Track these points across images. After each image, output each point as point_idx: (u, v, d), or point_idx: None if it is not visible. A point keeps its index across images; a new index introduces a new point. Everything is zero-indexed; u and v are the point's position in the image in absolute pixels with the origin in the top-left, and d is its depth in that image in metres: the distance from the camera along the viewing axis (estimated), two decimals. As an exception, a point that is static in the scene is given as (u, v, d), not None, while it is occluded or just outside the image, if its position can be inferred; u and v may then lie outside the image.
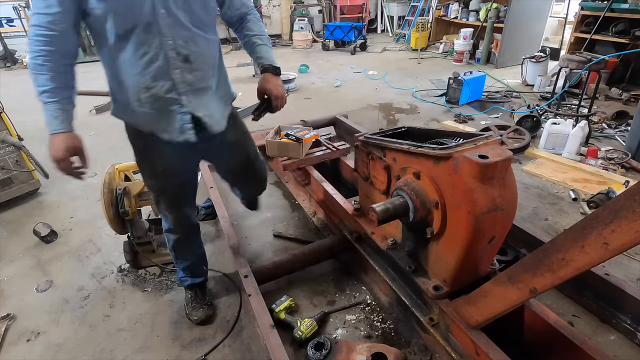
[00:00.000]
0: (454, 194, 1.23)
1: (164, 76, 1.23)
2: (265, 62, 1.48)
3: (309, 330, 1.64)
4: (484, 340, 1.29)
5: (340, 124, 3.60)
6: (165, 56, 1.20)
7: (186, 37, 1.22)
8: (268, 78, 1.48)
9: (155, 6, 1.14)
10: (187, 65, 1.25)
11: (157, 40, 1.17)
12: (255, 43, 1.50)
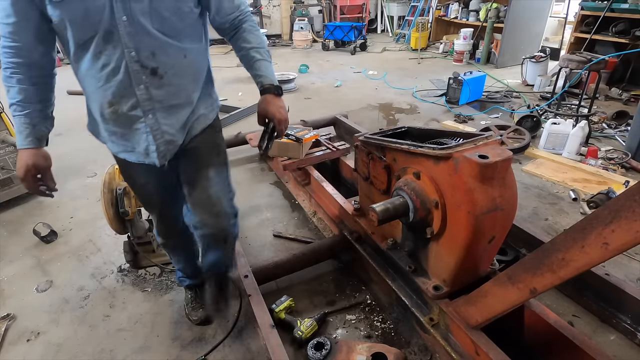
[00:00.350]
0: (454, 194, 1.23)
1: (127, 91, 1.09)
2: (266, 81, 1.28)
3: (309, 330, 1.64)
4: (484, 340, 1.29)
5: (340, 124, 3.60)
6: (127, 69, 1.07)
7: (153, 47, 1.08)
8: (269, 100, 1.28)
9: (115, 12, 1.00)
10: (154, 79, 1.10)
11: (119, 50, 1.04)
12: (254, 58, 1.29)
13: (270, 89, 1.29)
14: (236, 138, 3.33)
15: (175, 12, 1.09)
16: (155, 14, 1.05)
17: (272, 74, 1.31)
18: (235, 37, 1.31)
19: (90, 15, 1.00)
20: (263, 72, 1.28)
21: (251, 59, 1.29)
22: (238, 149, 3.42)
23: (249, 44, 1.28)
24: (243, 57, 1.32)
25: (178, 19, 1.10)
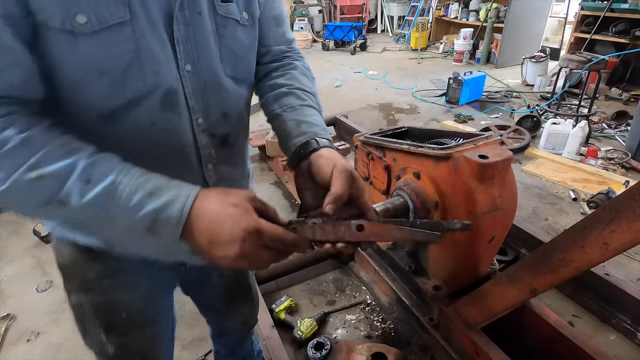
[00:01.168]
0: (454, 194, 1.23)
1: (190, 176, 0.66)
2: (323, 133, 0.75)
3: (309, 330, 1.64)
4: (484, 340, 1.29)
5: (340, 124, 3.60)
6: (194, 145, 0.71)
7: (225, 105, 0.74)
8: (340, 158, 0.69)
9: (178, 59, 0.64)
10: (223, 151, 0.76)
11: (184, 119, 0.68)
12: (304, 101, 0.81)
13: (329, 145, 0.73)
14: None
15: (250, 46, 0.77)
16: (227, 52, 0.71)
17: (325, 129, 0.77)
18: (276, 75, 0.85)
19: (143, 62, 0.59)
20: (318, 122, 0.77)
21: (299, 100, 0.80)
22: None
23: (297, 82, 0.83)
24: (285, 95, 0.81)
25: (252, 55, 0.78)
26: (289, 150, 0.75)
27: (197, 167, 0.73)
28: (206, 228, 0.53)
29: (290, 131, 0.75)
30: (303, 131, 0.74)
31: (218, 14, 0.67)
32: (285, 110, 0.79)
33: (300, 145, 0.72)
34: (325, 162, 0.67)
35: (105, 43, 0.56)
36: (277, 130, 0.80)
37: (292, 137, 0.74)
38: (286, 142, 0.76)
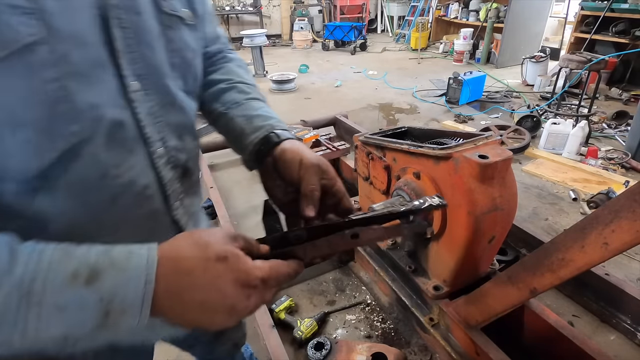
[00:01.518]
0: (454, 194, 1.23)
1: (158, 226, 0.59)
2: (280, 124, 0.69)
3: (309, 330, 1.64)
4: (484, 340, 1.29)
5: (340, 124, 3.60)
6: (157, 184, 0.57)
7: (180, 126, 0.60)
8: (305, 149, 0.65)
9: (124, 75, 0.49)
10: (186, 182, 0.64)
11: (139, 155, 0.53)
12: (248, 94, 0.74)
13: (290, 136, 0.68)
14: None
15: (197, 49, 0.64)
16: (177, 59, 0.57)
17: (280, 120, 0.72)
18: (211, 70, 0.76)
19: (73, 94, 0.43)
20: (271, 114, 0.71)
21: (243, 94, 0.73)
22: (238, 149, 3.42)
23: (235, 75, 0.76)
24: (226, 91, 0.73)
25: (198, 61, 0.65)
26: (245, 149, 0.67)
27: (163, 209, 0.58)
28: (191, 299, 0.40)
29: (242, 129, 0.67)
30: (258, 126, 0.67)
31: (163, 12, 0.54)
32: (230, 107, 0.70)
33: (259, 142, 0.65)
34: (290, 157, 0.61)
35: (12, 77, 0.38)
36: (224, 130, 0.71)
37: (245, 134, 0.67)
38: (239, 142, 0.68)
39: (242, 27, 8.95)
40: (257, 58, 6.03)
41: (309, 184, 0.59)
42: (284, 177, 0.63)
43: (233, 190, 2.87)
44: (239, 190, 2.87)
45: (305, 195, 0.59)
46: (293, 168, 0.61)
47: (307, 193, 0.59)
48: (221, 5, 9.08)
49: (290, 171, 0.61)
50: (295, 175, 0.61)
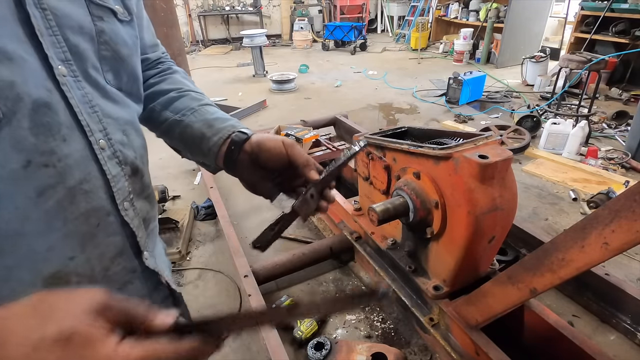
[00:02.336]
0: (454, 194, 1.23)
1: (104, 228, 0.51)
2: (239, 124, 0.70)
3: (309, 330, 1.64)
4: (484, 340, 1.29)
5: (340, 124, 3.60)
6: (102, 179, 0.51)
7: (123, 122, 0.56)
8: (271, 138, 0.67)
9: (48, 58, 0.45)
10: (136, 182, 0.58)
11: (78, 141, 0.48)
12: (201, 101, 0.73)
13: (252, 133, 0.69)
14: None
15: (133, 46, 0.60)
16: (107, 52, 0.54)
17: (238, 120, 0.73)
18: (156, 81, 0.75)
19: None
20: (228, 117, 0.71)
21: (196, 101, 0.72)
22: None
23: (184, 85, 0.75)
24: (177, 99, 0.71)
25: (136, 59, 0.62)
26: (208, 153, 0.68)
27: (109, 208, 0.51)
28: None
29: (202, 133, 0.68)
30: (219, 128, 0.68)
31: (91, 1, 0.52)
32: (184, 114, 0.70)
33: (229, 143, 0.66)
34: (272, 143, 0.65)
35: None
36: (180, 138, 0.70)
37: (207, 138, 0.67)
38: (200, 147, 0.68)
39: (242, 27, 8.95)
40: (257, 58, 6.03)
41: (302, 155, 0.65)
42: (269, 163, 0.66)
43: (233, 190, 2.87)
44: (239, 190, 2.87)
45: (306, 165, 0.65)
46: (279, 150, 0.65)
47: (306, 162, 0.65)
48: (221, 5, 9.08)
49: (277, 155, 0.65)
50: (284, 156, 0.65)
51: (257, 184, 0.69)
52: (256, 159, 0.66)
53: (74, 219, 0.47)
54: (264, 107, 4.69)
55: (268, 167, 0.66)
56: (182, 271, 2.12)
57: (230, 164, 0.67)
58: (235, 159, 0.67)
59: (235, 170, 0.68)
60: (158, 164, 3.33)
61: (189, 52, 8.02)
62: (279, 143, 0.65)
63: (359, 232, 1.99)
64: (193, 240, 2.37)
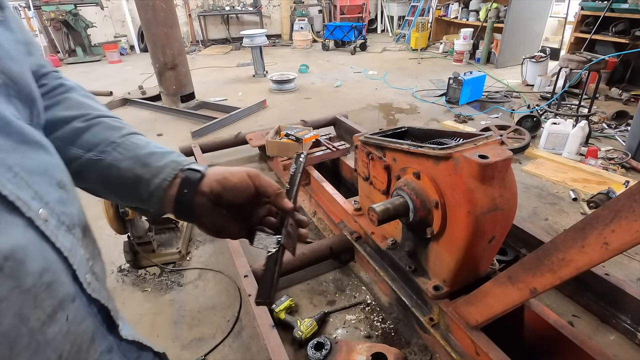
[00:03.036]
0: (454, 194, 1.23)
1: (60, 317, 0.36)
2: (184, 159, 0.59)
3: (309, 330, 1.64)
4: (484, 340, 1.29)
5: (340, 124, 3.60)
6: (60, 260, 0.38)
7: (53, 169, 0.42)
8: (230, 170, 0.60)
9: None
10: (89, 242, 0.47)
11: (5, 230, 0.32)
12: (122, 129, 0.59)
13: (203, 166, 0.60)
14: (236, 138, 3.33)
15: (21, 57, 0.46)
16: (10, 76, 0.40)
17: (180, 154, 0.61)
18: (48, 105, 0.55)
19: None
20: (165, 148, 0.60)
21: (115, 130, 0.57)
22: (238, 148, 3.42)
23: (89, 108, 0.58)
24: (86, 130, 0.55)
25: (28, 76, 0.46)
26: (149, 198, 0.55)
27: (74, 290, 0.39)
28: None
29: (136, 175, 0.54)
30: (158, 167, 0.55)
31: None
32: (102, 151, 0.54)
33: (177, 185, 0.55)
34: (237, 179, 0.57)
35: None
36: (102, 182, 0.55)
37: (144, 181, 0.55)
38: (135, 192, 0.55)
39: (242, 27, 8.96)
40: (257, 58, 6.03)
41: (271, 184, 0.60)
42: (235, 201, 0.58)
43: (233, 190, 2.87)
44: (239, 190, 2.87)
45: (277, 195, 0.60)
46: (246, 184, 0.58)
47: (276, 191, 0.60)
48: (221, 5, 9.08)
49: (244, 190, 0.58)
50: (252, 189, 0.58)
51: (223, 227, 0.60)
52: (218, 199, 0.57)
53: (40, 327, 0.34)
54: (264, 107, 4.69)
55: (233, 206, 0.58)
56: (182, 271, 2.13)
57: (182, 209, 0.56)
58: (189, 203, 0.56)
59: (190, 216, 0.57)
60: (158, 164, 3.34)
61: (189, 52, 8.02)
62: (244, 176, 0.58)
63: (359, 232, 1.99)
64: (193, 240, 2.37)
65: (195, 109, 4.68)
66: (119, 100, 5.00)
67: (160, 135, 4.02)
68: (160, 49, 4.30)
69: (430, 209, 1.34)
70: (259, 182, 0.59)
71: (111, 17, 8.67)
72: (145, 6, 4.07)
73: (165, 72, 4.46)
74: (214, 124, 4.05)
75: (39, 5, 7.45)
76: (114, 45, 7.89)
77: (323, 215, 2.44)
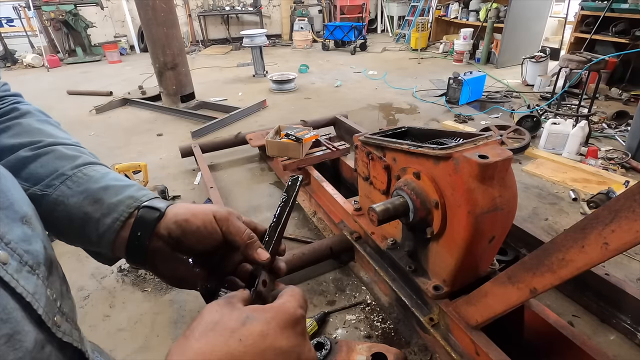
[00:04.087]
0: (454, 194, 1.23)
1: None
2: (138, 193, 0.51)
3: (309, 330, 1.64)
4: (484, 340, 1.29)
5: (340, 124, 3.60)
6: (21, 308, 0.33)
7: (11, 199, 0.37)
8: (198, 208, 0.51)
9: None
10: (55, 280, 0.40)
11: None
12: (84, 161, 0.52)
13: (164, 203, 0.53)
14: (236, 138, 3.33)
15: None
16: None
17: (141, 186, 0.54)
18: (3, 135, 0.50)
19: None
20: (125, 181, 0.53)
21: (67, 160, 0.50)
22: (238, 148, 3.42)
23: (42, 134, 0.51)
24: (33, 160, 0.48)
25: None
26: (100, 241, 0.48)
27: (42, 336, 0.35)
28: None
29: (84, 214, 0.47)
30: (112, 204, 0.48)
31: None
32: (49, 185, 0.47)
33: (131, 225, 0.48)
34: (201, 220, 0.49)
35: None
36: (47, 220, 0.45)
37: (93, 221, 0.47)
38: (82, 233, 0.48)
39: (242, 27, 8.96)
40: (257, 58, 6.04)
41: (240, 231, 0.49)
42: (198, 247, 0.50)
43: (233, 190, 2.87)
44: (239, 190, 2.87)
45: (248, 245, 0.49)
46: (211, 229, 0.49)
47: (247, 240, 0.49)
48: (221, 5, 9.08)
49: (208, 235, 0.49)
50: (218, 235, 0.49)
51: (184, 278, 0.52)
52: (178, 244, 0.49)
53: None
54: (264, 107, 4.69)
55: (195, 253, 0.50)
56: (182, 271, 2.13)
57: (135, 255, 0.49)
58: (143, 248, 0.48)
59: (144, 262, 0.49)
60: (158, 163, 3.34)
61: (189, 52, 8.02)
62: (210, 217, 0.48)
63: (359, 232, 1.99)
64: (193, 240, 2.37)
65: (195, 109, 4.68)
66: (119, 100, 5.00)
67: (160, 135, 4.02)
68: (160, 49, 4.30)
69: (430, 209, 1.34)
70: (227, 228, 0.49)
71: (111, 17, 8.67)
72: (145, 6, 4.07)
73: (165, 72, 4.46)
74: (214, 124, 4.05)
75: (39, 5, 7.45)
76: (114, 45, 7.90)
77: (323, 215, 2.44)
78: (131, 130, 4.21)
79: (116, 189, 0.49)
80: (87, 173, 0.49)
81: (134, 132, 4.16)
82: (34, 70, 7.45)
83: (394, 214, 1.39)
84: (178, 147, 3.23)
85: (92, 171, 0.50)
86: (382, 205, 1.38)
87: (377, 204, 1.39)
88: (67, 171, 0.48)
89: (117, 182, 0.50)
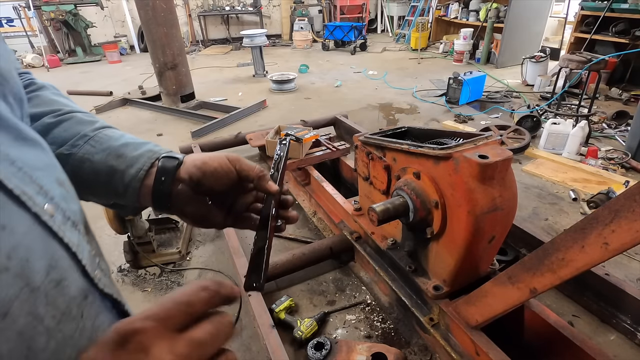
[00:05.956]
0: (454, 194, 1.23)
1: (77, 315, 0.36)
2: (156, 148, 0.58)
3: (309, 330, 1.64)
4: (484, 340, 1.29)
5: (340, 124, 3.60)
6: (69, 257, 0.36)
7: (52, 168, 0.42)
8: (210, 156, 0.58)
9: None
10: (91, 238, 0.45)
11: (18, 219, 0.31)
12: (96, 123, 0.58)
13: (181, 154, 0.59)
14: (236, 138, 3.33)
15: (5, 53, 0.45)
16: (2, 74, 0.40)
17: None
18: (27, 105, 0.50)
19: None
20: (140, 139, 0.59)
21: (86, 124, 0.56)
22: (238, 148, 3.42)
23: (61, 105, 0.57)
24: (56, 125, 0.54)
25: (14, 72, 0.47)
26: (125, 191, 0.53)
27: (87, 286, 0.38)
28: None
29: (109, 167, 0.52)
30: (134, 157, 0.54)
31: None
32: (74, 145, 0.52)
33: (154, 174, 0.53)
34: (217, 164, 0.55)
35: None
36: (74, 178, 0.46)
37: (118, 172, 0.53)
38: (109, 185, 0.53)
39: (242, 27, 8.96)
40: (257, 58, 6.04)
41: (253, 168, 0.58)
42: (217, 187, 0.56)
43: (233, 190, 2.87)
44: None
45: (260, 178, 0.58)
46: (227, 169, 0.56)
47: (259, 174, 0.58)
48: (221, 5, 9.08)
49: (225, 175, 0.56)
50: (233, 174, 0.56)
51: (206, 216, 0.58)
52: (198, 186, 0.55)
53: (56, 325, 0.33)
54: (264, 107, 4.69)
55: (214, 192, 0.56)
56: (182, 271, 2.13)
57: (161, 200, 0.54)
58: (168, 192, 0.53)
59: (170, 206, 0.55)
60: (158, 164, 3.33)
61: (189, 52, 8.02)
62: (224, 160, 0.56)
63: (359, 232, 1.99)
64: (193, 240, 2.37)
65: (195, 109, 4.68)
66: (119, 100, 5.00)
67: (160, 135, 4.02)
68: (160, 49, 4.30)
69: (430, 209, 1.34)
70: (240, 165, 0.57)
71: (111, 17, 8.67)
72: (145, 6, 4.07)
73: (165, 72, 4.46)
74: (214, 124, 4.05)
75: (39, 5, 7.45)
76: (114, 45, 7.90)
77: (323, 215, 2.44)
78: (131, 130, 4.21)
79: (135, 145, 0.55)
80: (107, 134, 0.55)
81: (134, 132, 4.16)
82: (34, 70, 7.45)
83: (394, 214, 1.39)
84: (178, 147, 3.23)
85: (111, 132, 0.56)
86: (382, 205, 1.38)
87: (377, 204, 1.39)
88: (89, 132, 0.54)
89: (134, 140, 0.57)
